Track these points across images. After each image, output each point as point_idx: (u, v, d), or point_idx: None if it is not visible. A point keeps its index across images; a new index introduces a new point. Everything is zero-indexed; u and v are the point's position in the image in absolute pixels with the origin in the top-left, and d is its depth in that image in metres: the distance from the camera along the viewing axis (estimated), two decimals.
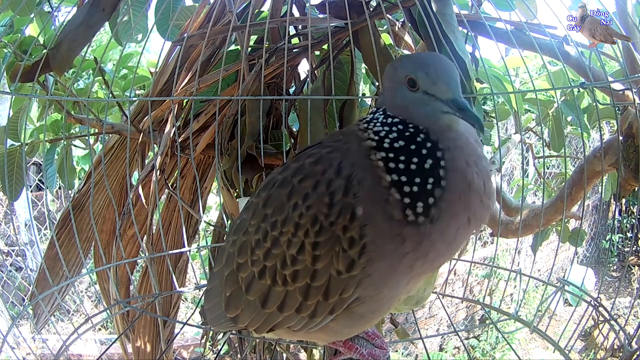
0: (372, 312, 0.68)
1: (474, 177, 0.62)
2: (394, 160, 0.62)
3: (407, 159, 0.62)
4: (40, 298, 1.27)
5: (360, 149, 0.65)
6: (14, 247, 4.37)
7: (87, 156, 2.16)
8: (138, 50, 1.96)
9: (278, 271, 0.67)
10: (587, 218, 5.72)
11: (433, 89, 0.63)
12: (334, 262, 0.63)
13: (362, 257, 0.61)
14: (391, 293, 0.66)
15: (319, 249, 0.63)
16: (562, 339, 1.05)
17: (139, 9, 1.39)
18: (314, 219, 0.63)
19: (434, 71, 0.63)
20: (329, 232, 0.62)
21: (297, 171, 0.67)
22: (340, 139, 0.69)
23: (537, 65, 3.37)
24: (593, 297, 1.07)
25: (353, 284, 0.63)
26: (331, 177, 0.63)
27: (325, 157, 0.66)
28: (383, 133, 0.64)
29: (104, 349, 2.51)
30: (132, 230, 1.47)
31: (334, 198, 0.62)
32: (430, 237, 0.61)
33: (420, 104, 0.64)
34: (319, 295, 0.65)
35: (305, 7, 1.43)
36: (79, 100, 1.45)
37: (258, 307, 0.71)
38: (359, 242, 0.61)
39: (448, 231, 0.62)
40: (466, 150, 0.63)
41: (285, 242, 0.65)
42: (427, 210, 0.60)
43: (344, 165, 0.63)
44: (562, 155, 2.07)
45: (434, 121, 0.64)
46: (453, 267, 1.34)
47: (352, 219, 0.61)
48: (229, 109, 1.36)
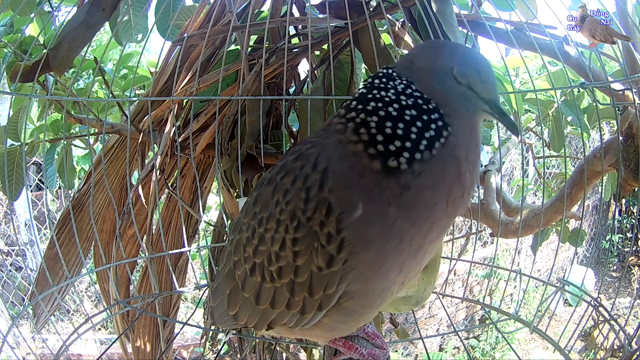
0: (364, 307, 0.68)
1: (466, 171, 0.63)
2: (382, 115, 0.62)
3: (402, 113, 0.62)
4: (40, 298, 1.27)
5: (338, 137, 0.65)
6: (14, 247, 4.37)
7: (87, 156, 2.16)
8: (138, 50, 1.96)
9: (265, 267, 0.68)
10: (587, 218, 5.71)
11: (479, 87, 0.64)
12: (313, 258, 0.63)
13: (341, 252, 0.61)
14: (381, 285, 0.66)
15: (298, 244, 0.63)
16: (562, 339, 1.05)
17: (139, 9, 1.39)
18: (292, 215, 0.63)
19: (485, 70, 0.65)
20: (306, 228, 0.62)
21: (280, 169, 0.68)
22: (322, 134, 0.69)
23: (537, 65, 3.37)
24: (593, 297, 1.07)
25: (335, 280, 0.63)
26: (308, 172, 0.63)
27: (305, 152, 0.66)
28: (378, 96, 0.64)
29: (104, 349, 2.51)
30: (132, 230, 1.47)
31: (310, 193, 0.62)
32: (410, 189, 0.61)
33: (462, 97, 0.65)
34: (304, 292, 0.65)
35: (305, 7, 1.43)
36: (79, 100, 1.45)
37: (253, 303, 0.72)
38: (336, 237, 0.61)
39: (426, 195, 0.62)
40: (471, 148, 0.64)
41: (269, 238, 0.66)
42: (411, 161, 0.60)
43: (321, 159, 0.63)
44: (562, 155, 2.07)
45: (467, 114, 0.65)
46: (453, 267, 1.34)
47: (328, 213, 0.61)
48: (229, 109, 1.36)
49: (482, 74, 0.65)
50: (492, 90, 0.65)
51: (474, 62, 0.65)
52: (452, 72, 0.64)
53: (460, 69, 0.64)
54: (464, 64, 0.65)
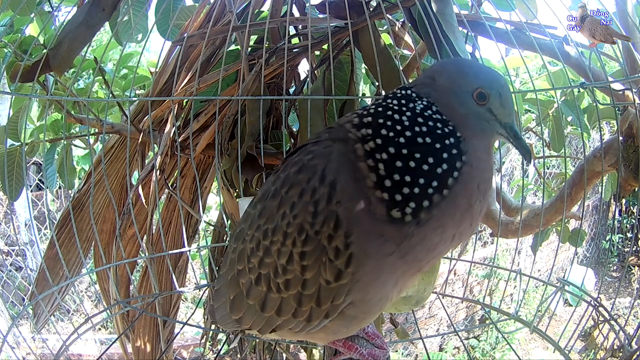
0: (364, 314, 0.69)
1: (476, 202, 0.63)
2: (389, 157, 0.61)
3: (413, 148, 0.60)
4: (40, 298, 1.27)
5: (346, 148, 0.64)
6: (14, 247, 4.37)
7: (87, 156, 2.16)
8: (138, 50, 1.96)
9: (272, 279, 0.67)
10: (587, 218, 5.71)
11: (499, 110, 0.65)
12: (322, 272, 0.62)
13: (349, 266, 0.61)
14: (379, 295, 0.66)
15: (306, 258, 0.63)
16: (562, 339, 1.05)
17: (139, 9, 1.39)
18: (300, 228, 0.62)
19: (505, 93, 0.65)
20: (314, 242, 0.62)
21: (284, 181, 0.67)
22: (323, 141, 0.68)
23: (537, 65, 3.37)
24: (593, 297, 1.07)
25: (343, 292, 0.63)
26: (315, 185, 0.62)
27: (307, 164, 0.65)
28: (390, 124, 0.62)
29: (104, 349, 2.51)
30: (132, 230, 1.47)
31: (318, 207, 0.61)
32: (410, 239, 0.60)
33: (481, 118, 0.65)
34: (312, 302, 0.65)
35: (305, 7, 1.43)
36: (79, 100, 1.45)
37: (258, 311, 0.71)
38: (344, 252, 0.60)
39: (430, 238, 0.62)
40: (484, 175, 0.64)
41: (275, 251, 0.66)
42: (417, 212, 0.60)
43: (328, 171, 0.62)
44: (562, 155, 2.07)
45: (483, 136, 0.65)
46: (453, 267, 1.34)
47: (336, 227, 0.60)
48: (229, 109, 1.36)
49: (503, 98, 0.65)
50: (510, 114, 0.66)
51: (497, 84, 0.65)
52: (474, 93, 0.64)
53: (482, 91, 0.64)
54: (487, 86, 0.65)
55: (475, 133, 0.64)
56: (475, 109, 0.65)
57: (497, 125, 0.65)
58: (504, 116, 0.65)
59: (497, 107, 0.65)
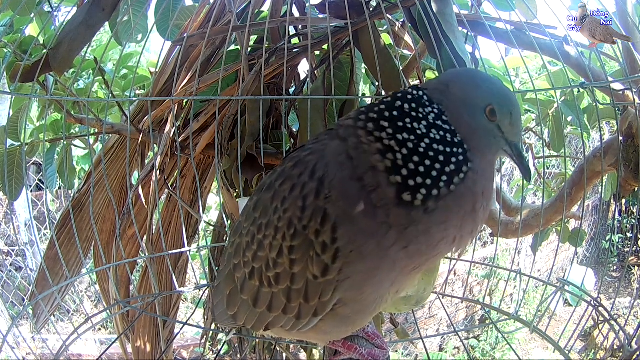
0: (357, 314, 0.68)
1: (480, 207, 0.64)
2: (411, 148, 0.61)
3: (429, 149, 0.61)
4: (40, 298, 1.27)
5: (342, 146, 0.64)
6: (14, 247, 4.37)
7: (87, 156, 2.16)
8: (138, 50, 1.96)
9: (263, 273, 0.68)
10: (587, 218, 5.71)
11: (508, 128, 0.66)
12: (309, 267, 0.63)
13: (336, 261, 0.61)
14: (374, 294, 0.66)
15: (294, 252, 0.63)
16: (562, 339, 1.05)
17: (139, 9, 1.39)
18: (290, 222, 0.63)
19: (516, 113, 0.66)
20: (302, 236, 0.62)
21: (279, 175, 0.68)
22: (322, 139, 0.69)
23: (537, 65, 3.36)
24: (593, 297, 1.07)
25: (330, 288, 0.63)
26: (305, 180, 0.63)
27: (303, 159, 0.66)
28: (405, 120, 0.63)
29: (104, 349, 2.51)
30: (132, 230, 1.47)
31: (306, 201, 0.62)
32: (418, 225, 0.60)
33: (489, 134, 0.66)
34: (300, 298, 0.66)
35: (305, 7, 1.43)
36: (79, 100, 1.45)
37: (250, 306, 0.72)
38: (331, 247, 0.61)
39: (434, 234, 0.62)
40: (487, 185, 0.65)
41: (267, 245, 0.66)
42: (426, 199, 0.60)
43: (318, 167, 0.63)
44: (562, 155, 2.07)
45: (489, 151, 0.66)
46: (453, 267, 1.34)
47: (323, 222, 0.61)
48: (229, 109, 1.36)
49: (514, 117, 0.66)
50: (517, 134, 0.67)
51: (509, 103, 0.66)
52: (486, 108, 0.65)
53: (494, 108, 0.65)
54: (499, 104, 0.65)
55: (482, 146, 0.65)
56: (485, 124, 0.65)
57: (503, 142, 0.66)
58: (512, 135, 0.67)
59: (506, 126, 0.66)
